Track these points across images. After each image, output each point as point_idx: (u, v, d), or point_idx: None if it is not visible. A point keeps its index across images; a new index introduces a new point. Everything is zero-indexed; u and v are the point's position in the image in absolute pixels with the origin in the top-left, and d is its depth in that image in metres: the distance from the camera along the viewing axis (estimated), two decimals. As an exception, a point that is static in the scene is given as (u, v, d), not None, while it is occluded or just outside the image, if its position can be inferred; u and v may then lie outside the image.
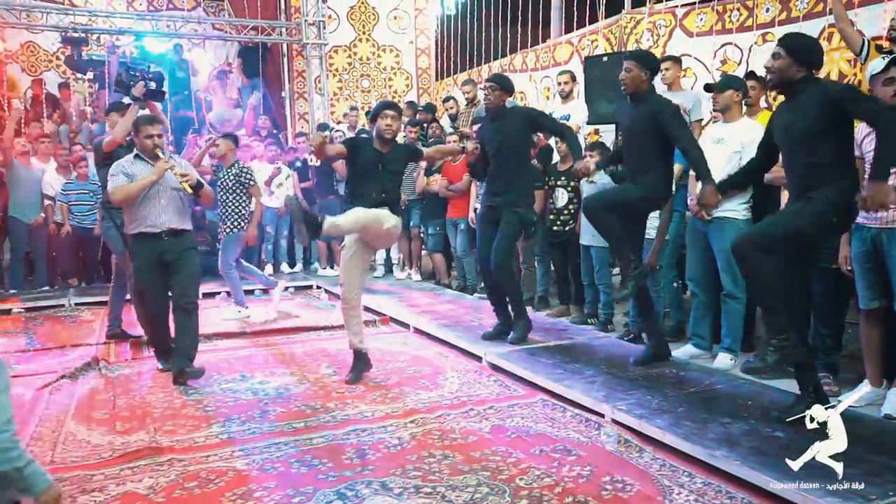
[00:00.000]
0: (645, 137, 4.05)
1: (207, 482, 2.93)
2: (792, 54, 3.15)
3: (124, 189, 4.29)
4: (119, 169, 4.38)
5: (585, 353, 4.60)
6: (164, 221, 4.36)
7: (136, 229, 4.38)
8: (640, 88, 4.08)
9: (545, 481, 2.88)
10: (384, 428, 3.53)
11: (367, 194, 4.35)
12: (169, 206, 4.39)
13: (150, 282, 4.43)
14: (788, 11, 6.18)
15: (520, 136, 4.86)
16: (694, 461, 3.01)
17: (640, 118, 4.07)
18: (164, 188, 4.38)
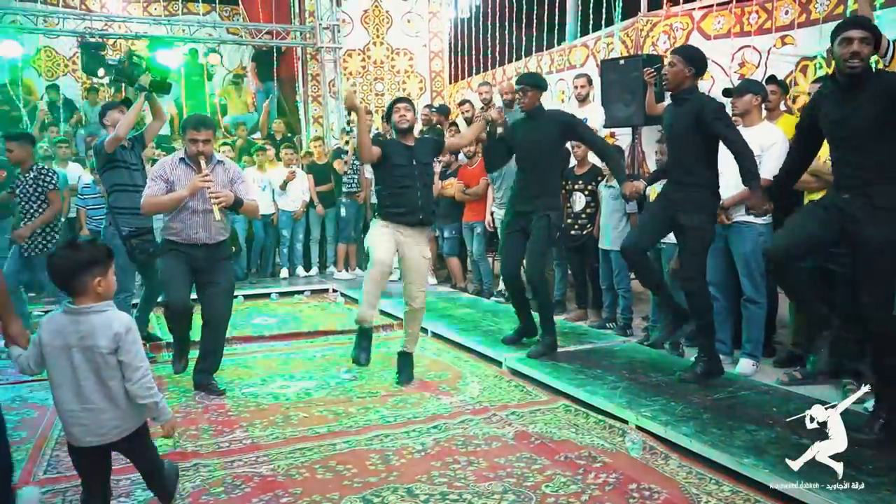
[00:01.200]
0: (688, 139, 3.92)
1: (234, 487, 2.94)
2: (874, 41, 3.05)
3: (155, 202, 4.06)
4: (159, 172, 4.12)
5: (606, 358, 4.58)
6: (199, 237, 4.14)
7: (168, 237, 4.18)
8: (681, 85, 3.96)
9: (571, 489, 2.87)
10: (407, 433, 3.53)
11: (406, 212, 4.27)
12: (204, 222, 4.12)
13: (178, 279, 4.15)
14: (808, 13, 6.14)
15: (554, 139, 4.73)
16: (720, 469, 2.99)
17: (683, 118, 3.93)
18: (203, 200, 4.07)
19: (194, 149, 4.09)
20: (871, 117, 3.03)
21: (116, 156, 4.90)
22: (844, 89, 3.14)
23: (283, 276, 8.62)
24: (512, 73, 10.16)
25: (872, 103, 3.02)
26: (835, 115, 3.17)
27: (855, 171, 3.13)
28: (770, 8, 6.48)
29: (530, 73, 5.27)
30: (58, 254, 2.48)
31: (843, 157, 3.21)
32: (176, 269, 4.17)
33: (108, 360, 2.35)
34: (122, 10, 11.62)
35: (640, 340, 5.24)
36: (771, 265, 3.30)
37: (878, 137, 3.04)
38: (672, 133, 4.08)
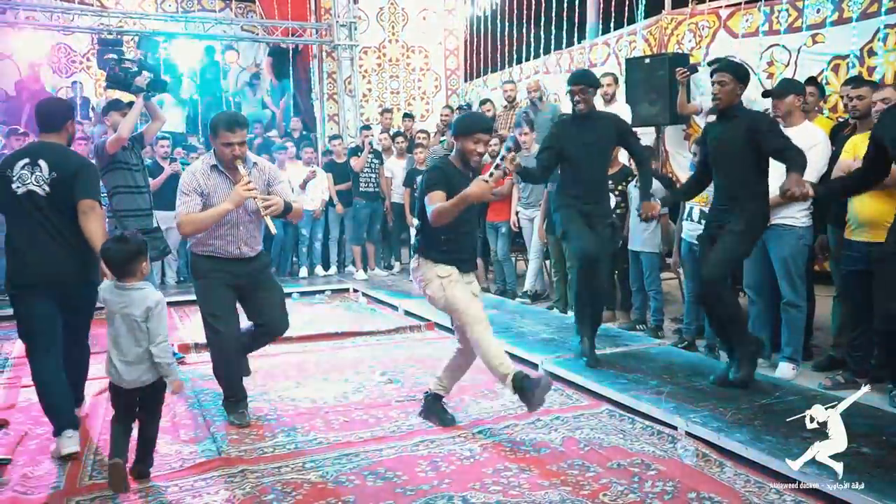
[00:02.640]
0: (742, 156, 3.84)
1: (285, 495, 2.89)
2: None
3: (194, 220, 3.55)
4: (192, 185, 3.60)
5: (644, 362, 4.52)
6: (242, 252, 3.74)
7: (204, 252, 3.71)
8: (732, 103, 3.91)
9: (630, 497, 2.82)
10: (452, 439, 3.48)
11: (467, 259, 3.67)
12: (246, 235, 3.74)
13: (226, 309, 3.70)
14: (841, 12, 6.06)
15: (609, 141, 4.60)
16: (776, 476, 2.94)
17: (735, 136, 3.86)
18: (244, 211, 3.67)
19: (229, 153, 3.59)
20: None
21: (117, 157, 4.83)
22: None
23: (303, 275, 8.59)
24: (530, 72, 10.11)
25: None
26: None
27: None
28: (801, 5, 6.41)
29: (585, 71, 5.01)
30: (111, 247, 3.03)
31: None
32: (219, 297, 3.69)
33: (140, 326, 2.97)
34: (137, 6, 11.58)
35: (675, 343, 5.18)
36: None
37: None
38: (721, 152, 3.98)
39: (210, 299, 3.70)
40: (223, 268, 3.71)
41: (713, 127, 4.14)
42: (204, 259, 3.73)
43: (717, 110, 4.07)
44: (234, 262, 3.74)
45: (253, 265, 3.82)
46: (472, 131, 3.45)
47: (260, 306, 3.83)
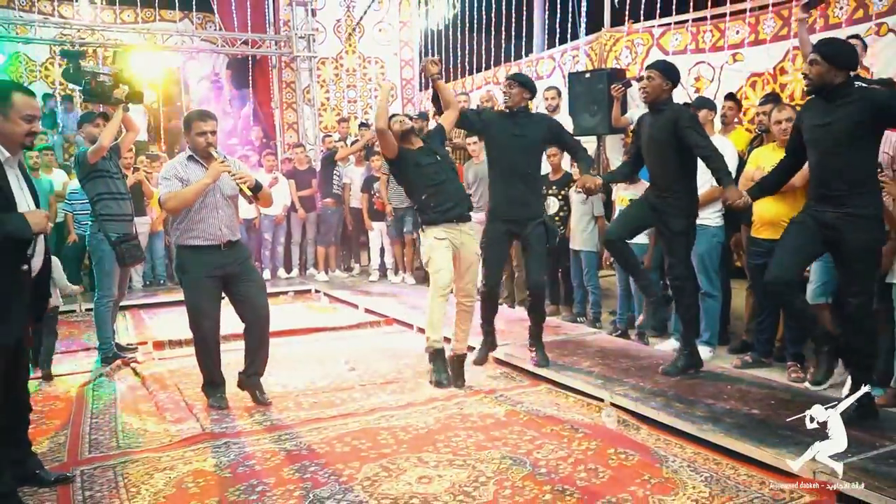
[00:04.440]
0: (668, 147, 4.16)
1: (265, 460, 3.35)
2: (829, 60, 3.31)
3: (179, 196, 3.91)
4: (172, 172, 4.00)
5: (581, 348, 5.08)
6: (224, 234, 4.05)
7: (190, 241, 4.02)
8: (659, 98, 4.21)
9: (559, 454, 3.35)
10: (409, 413, 3.97)
11: (454, 205, 4.36)
12: (227, 218, 4.08)
13: (209, 299, 4.05)
14: (757, 34, 6.76)
15: (540, 143, 4.71)
16: (684, 435, 3.50)
17: (662, 127, 4.16)
18: (221, 196, 4.04)
19: (203, 141, 3.97)
20: (844, 130, 3.32)
21: (98, 166, 5.09)
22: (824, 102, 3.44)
23: (266, 278, 8.95)
24: (482, 82, 10.68)
25: (847, 117, 3.32)
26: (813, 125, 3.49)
27: (824, 179, 3.46)
28: (723, 27, 7.09)
29: (521, 74, 5.23)
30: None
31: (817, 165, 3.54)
32: (203, 293, 4.04)
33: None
34: (96, 17, 11.79)
35: (610, 332, 5.76)
36: (775, 298, 3.61)
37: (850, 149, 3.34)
38: (651, 142, 4.28)
39: (194, 294, 4.06)
40: (208, 260, 4.04)
41: (645, 119, 4.43)
42: (190, 252, 4.05)
43: (646, 103, 4.37)
44: (217, 252, 4.06)
45: (235, 254, 4.14)
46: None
47: (243, 298, 4.16)
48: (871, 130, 3.33)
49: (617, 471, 3.14)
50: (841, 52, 3.41)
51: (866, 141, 3.33)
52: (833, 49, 3.40)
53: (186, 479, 3.15)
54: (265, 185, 4.28)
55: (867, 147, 3.35)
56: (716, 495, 2.89)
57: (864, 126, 3.29)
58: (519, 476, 3.10)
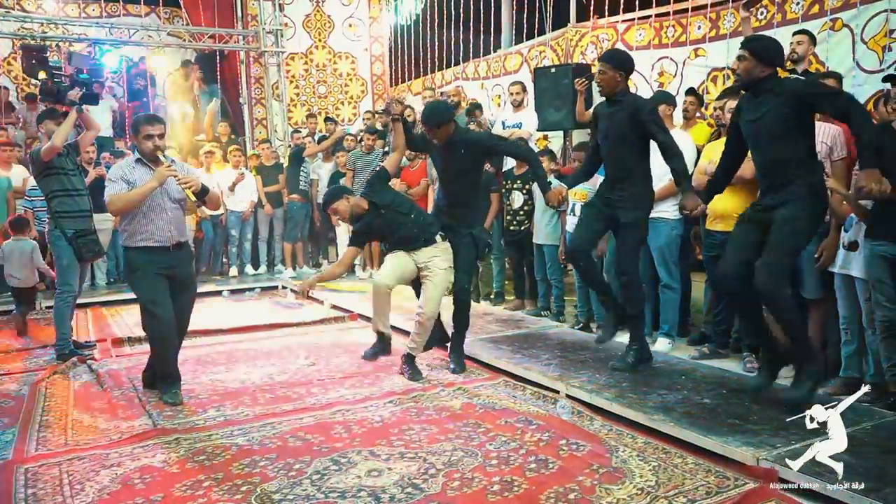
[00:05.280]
0: (626, 139, 4.14)
1: (215, 455, 3.31)
2: (756, 55, 3.40)
3: (124, 198, 3.97)
4: (119, 174, 4.05)
5: (541, 340, 5.11)
6: (172, 236, 4.12)
7: (139, 243, 4.07)
8: (615, 89, 4.18)
9: (511, 446, 3.35)
10: (365, 408, 3.96)
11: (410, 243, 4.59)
12: (175, 219, 4.15)
13: (163, 292, 4.08)
14: (717, 29, 6.82)
15: (478, 160, 4.70)
16: (636, 426, 3.52)
17: (620, 119, 4.14)
18: (169, 198, 4.11)
19: (150, 144, 4.05)
20: (774, 122, 3.40)
21: (53, 163, 5.08)
22: (753, 97, 3.52)
23: (233, 274, 8.90)
24: (451, 78, 10.67)
25: (774, 110, 3.39)
26: (746, 121, 3.58)
27: (766, 172, 3.56)
28: (685, 23, 7.15)
29: (429, 111, 4.67)
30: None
31: (757, 158, 3.62)
32: (157, 285, 4.09)
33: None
34: (59, 11, 11.60)
35: (572, 325, 5.79)
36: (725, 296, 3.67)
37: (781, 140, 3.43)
38: (609, 133, 4.24)
39: (147, 287, 4.09)
40: (155, 259, 4.09)
41: (599, 112, 4.41)
42: (137, 252, 4.10)
43: (604, 97, 4.35)
44: (164, 253, 4.11)
45: (181, 255, 4.23)
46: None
47: (178, 303, 4.18)
48: (798, 120, 3.38)
49: (567, 461, 3.16)
50: (767, 48, 3.48)
51: (796, 130, 3.38)
52: (759, 45, 3.48)
53: (133, 475, 3.11)
54: (211, 189, 4.34)
55: (798, 136, 3.40)
56: (662, 483, 2.91)
57: (790, 117, 3.36)
58: (469, 468, 3.10)
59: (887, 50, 5.29)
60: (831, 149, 4.14)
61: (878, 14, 5.37)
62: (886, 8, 5.30)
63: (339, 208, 4.62)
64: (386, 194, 4.70)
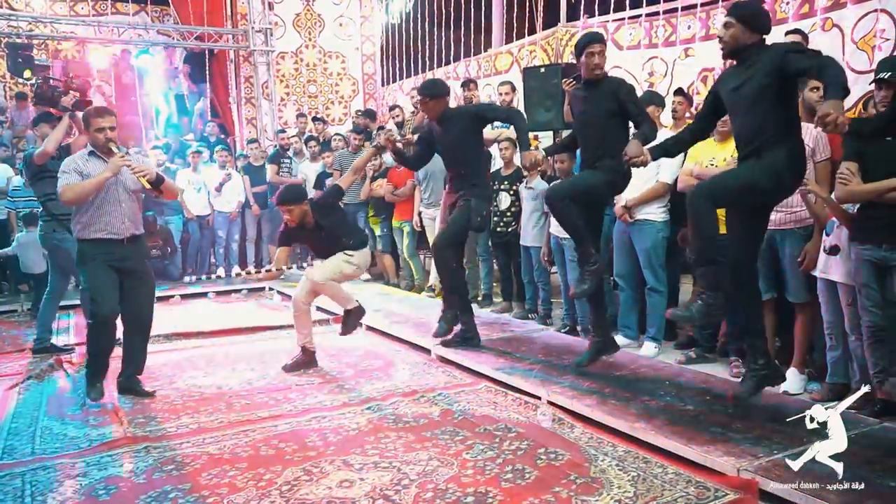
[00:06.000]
0: (603, 120, 4.10)
1: (184, 465, 3.23)
2: (743, 21, 3.31)
3: (76, 188, 3.95)
4: (72, 166, 4.04)
5: (525, 345, 5.03)
6: (126, 227, 4.14)
7: (93, 234, 4.07)
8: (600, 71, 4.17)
9: (488, 454, 3.27)
10: (343, 414, 3.88)
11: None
12: (129, 211, 4.16)
13: (111, 284, 4.11)
14: (707, 28, 6.75)
15: (469, 132, 4.88)
16: (617, 433, 3.44)
17: (599, 98, 4.11)
18: (123, 190, 4.11)
19: (102, 137, 4.05)
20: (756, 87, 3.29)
21: (46, 167, 5.11)
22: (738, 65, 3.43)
23: (220, 275, 8.80)
24: (442, 77, 10.58)
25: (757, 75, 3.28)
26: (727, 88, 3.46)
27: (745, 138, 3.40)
28: (675, 22, 7.07)
29: (427, 83, 5.14)
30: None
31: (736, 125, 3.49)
32: (105, 277, 4.11)
33: None
34: (48, 9, 11.50)
35: (558, 328, 5.71)
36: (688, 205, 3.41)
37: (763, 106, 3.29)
38: (587, 114, 4.21)
39: (98, 277, 4.12)
40: (107, 251, 4.11)
41: (578, 91, 4.35)
42: (90, 244, 4.10)
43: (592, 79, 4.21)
44: (118, 245, 4.13)
45: (134, 249, 4.23)
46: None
47: (130, 298, 4.23)
48: (779, 86, 3.25)
49: (544, 471, 3.08)
50: (755, 13, 3.39)
51: (777, 98, 3.25)
52: (747, 11, 3.38)
53: (98, 486, 3.03)
54: (167, 178, 4.38)
55: (779, 104, 3.26)
56: (640, 494, 2.83)
57: (771, 82, 3.24)
58: (443, 478, 3.02)
59: (877, 50, 5.22)
60: (814, 150, 4.06)
61: (869, 14, 5.30)
62: (877, 7, 5.24)
63: (293, 211, 4.66)
64: (332, 216, 4.87)
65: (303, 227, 4.76)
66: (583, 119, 4.29)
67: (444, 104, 4.89)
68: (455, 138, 4.86)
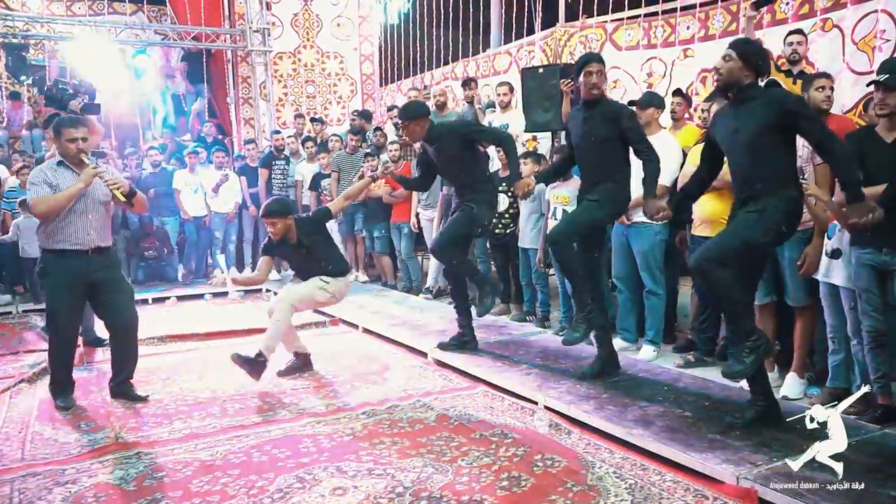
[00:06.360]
0: (604, 142, 4.04)
1: (175, 472, 3.18)
2: (743, 58, 3.24)
3: (48, 201, 3.84)
4: (41, 177, 3.91)
5: (523, 348, 4.98)
6: (91, 239, 4.00)
7: (56, 245, 3.95)
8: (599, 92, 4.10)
9: (484, 461, 3.23)
10: (337, 419, 3.83)
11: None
12: (96, 223, 4.03)
13: (70, 304, 4.03)
14: (707, 29, 6.71)
15: (460, 147, 4.77)
16: (615, 439, 3.40)
17: (598, 122, 4.05)
18: (92, 201, 4.00)
19: (74, 147, 3.93)
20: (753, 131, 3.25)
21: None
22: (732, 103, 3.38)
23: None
24: (440, 78, 10.54)
25: (754, 118, 3.24)
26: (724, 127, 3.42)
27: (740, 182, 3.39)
28: (674, 23, 7.03)
29: (404, 106, 5.11)
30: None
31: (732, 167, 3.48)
32: (66, 298, 4.01)
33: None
34: (45, 8, 11.45)
35: (556, 331, 5.66)
36: (696, 273, 3.38)
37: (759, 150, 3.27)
38: (587, 136, 4.12)
39: (56, 300, 4.04)
40: (73, 267, 3.98)
41: (574, 117, 4.28)
42: (54, 257, 3.98)
43: (591, 100, 4.13)
44: (83, 258, 4.00)
45: (104, 261, 4.10)
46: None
47: (109, 307, 4.17)
48: (779, 134, 3.21)
49: (541, 478, 3.03)
50: (755, 52, 3.33)
51: (776, 144, 3.21)
52: (748, 48, 3.32)
53: (87, 493, 2.98)
54: (139, 192, 4.29)
55: (778, 150, 3.23)
56: (637, 503, 2.79)
57: (770, 129, 3.19)
58: (438, 485, 2.97)
59: (877, 51, 5.18)
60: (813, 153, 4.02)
61: (869, 14, 5.26)
62: (877, 8, 5.20)
63: (277, 225, 4.62)
64: (315, 236, 4.81)
65: (285, 241, 4.70)
66: (582, 141, 4.19)
67: (425, 125, 4.74)
68: (449, 156, 4.80)
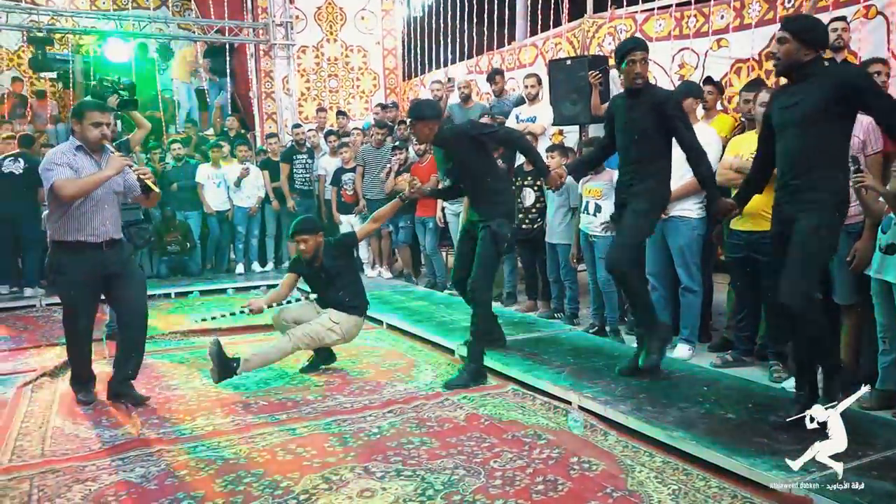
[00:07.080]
0: (644, 134, 3.90)
1: (197, 470, 3.08)
2: (798, 37, 3.09)
3: (78, 183, 3.67)
4: (63, 159, 3.72)
5: (553, 346, 4.83)
6: (107, 231, 3.86)
7: (69, 237, 3.79)
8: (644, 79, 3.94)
9: (517, 463, 3.09)
10: (364, 418, 3.71)
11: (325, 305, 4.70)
12: (112, 214, 3.91)
13: (85, 298, 3.91)
14: (742, 18, 6.49)
15: (474, 150, 4.45)
16: (654, 442, 3.24)
17: (639, 112, 3.90)
18: (108, 192, 3.86)
19: (98, 132, 3.80)
20: (810, 108, 3.09)
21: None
22: (792, 83, 3.24)
23: (239, 271, 8.69)
24: (464, 71, 10.39)
25: (814, 94, 3.07)
26: (779, 107, 3.26)
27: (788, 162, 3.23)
28: (707, 12, 6.81)
29: (413, 104, 4.81)
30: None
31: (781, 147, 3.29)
32: (85, 290, 3.90)
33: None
34: (69, 3, 11.45)
35: (586, 329, 5.50)
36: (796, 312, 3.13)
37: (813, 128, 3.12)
38: (627, 128, 4.00)
39: (72, 297, 3.92)
40: (87, 261, 3.84)
41: (620, 104, 4.12)
42: (67, 252, 3.83)
43: (635, 88, 3.96)
44: (98, 252, 3.85)
45: (117, 254, 3.96)
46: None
47: (119, 300, 4.07)
48: (837, 110, 3.04)
49: (578, 482, 2.89)
50: (811, 28, 3.15)
51: (833, 122, 3.05)
52: (802, 25, 3.15)
53: (108, 491, 2.88)
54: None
55: (833, 129, 3.06)
56: (683, 511, 2.64)
57: (829, 103, 3.02)
58: (470, 489, 2.84)
59: (925, 38, 4.95)
60: (864, 142, 3.83)
61: (916, 0, 5.03)
62: (924, -7, 4.97)
63: (308, 242, 4.51)
64: (340, 260, 4.68)
65: (311, 262, 4.60)
66: (626, 131, 4.02)
67: (434, 126, 4.39)
68: (462, 160, 4.46)
